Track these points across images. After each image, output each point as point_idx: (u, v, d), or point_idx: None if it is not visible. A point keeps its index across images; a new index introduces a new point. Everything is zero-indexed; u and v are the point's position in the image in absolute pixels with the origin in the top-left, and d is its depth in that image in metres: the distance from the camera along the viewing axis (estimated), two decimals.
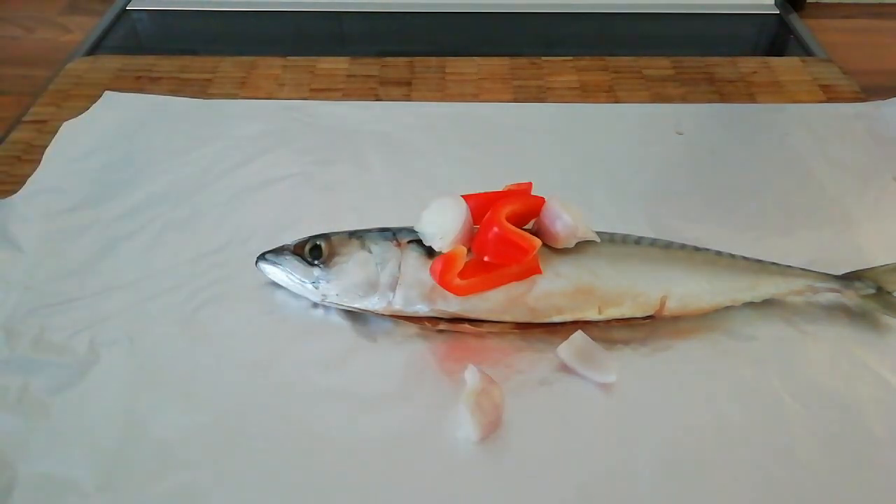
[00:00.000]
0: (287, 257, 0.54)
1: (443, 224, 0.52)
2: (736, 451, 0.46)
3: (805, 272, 0.55)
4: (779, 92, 0.78)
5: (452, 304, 0.52)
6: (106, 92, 0.76)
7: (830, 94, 0.77)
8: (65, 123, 0.72)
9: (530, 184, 0.58)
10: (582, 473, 0.45)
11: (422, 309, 0.52)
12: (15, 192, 0.64)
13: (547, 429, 0.47)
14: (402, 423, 0.47)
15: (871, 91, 0.77)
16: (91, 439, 0.46)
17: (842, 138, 0.71)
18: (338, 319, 0.54)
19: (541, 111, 0.75)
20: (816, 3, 0.97)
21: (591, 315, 0.52)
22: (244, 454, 0.46)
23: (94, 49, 0.88)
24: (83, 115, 0.73)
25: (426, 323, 0.53)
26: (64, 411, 0.48)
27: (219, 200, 0.64)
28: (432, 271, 0.51)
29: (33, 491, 0.44)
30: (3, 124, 0.74)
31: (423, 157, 0.68)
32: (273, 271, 0.55)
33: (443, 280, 0.50)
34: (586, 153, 0.69)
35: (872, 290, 0.54)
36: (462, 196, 0.54)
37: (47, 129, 0.71)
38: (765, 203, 0.64)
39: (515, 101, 0.77)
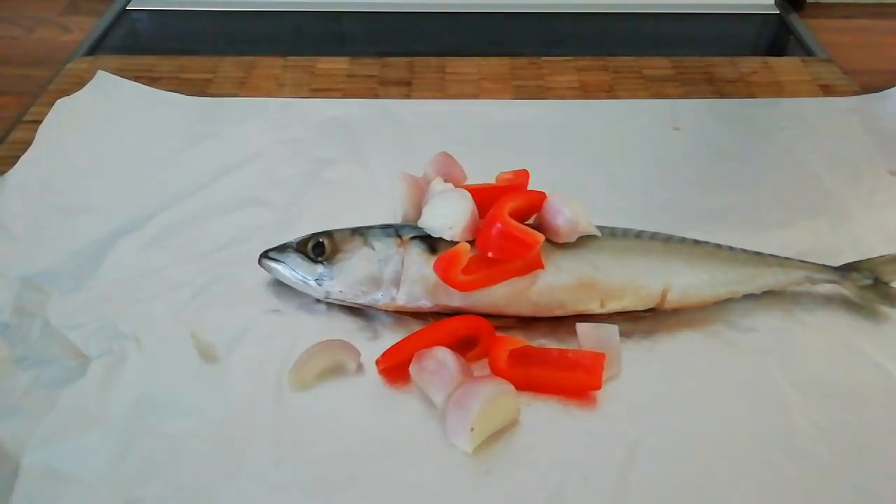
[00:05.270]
0: (290, 255, 0.54)
1: (451, 215, 0.53)
2: (738, 441, 0.46)
3: (803, 264, 0.55)
4: (779, 92, 0.78)
5: (455, 299, 0.52)
6: (99, 71, 0.76)
7: (830, 94, 0.77)
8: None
9: (526, 172, 0.58)
10: (586, 465, 0.45)
11: (425, 304, 0.52)
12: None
13: (554, 420, 0.47)
14: (406, 416, 0.47)
15: (870, 91, 0.77)
16: (96, 433, 0.46)
17: (837, 132, 0.72)
18: (340, 315, 0.54)
19: (540, 107, 0.75)
20: (816, 3, 0.97)
21: (594, 308, 0.52)
22: (251, 452, 0.45)
23: (94, 49, 0.88)
24: (78, 94, 0.73)
25: (430, 318, 0.53)
26: (69, 406, 0.47)
27: (219, 199, 0.63)
28: (436, 268, 0.51)
29: (36, 483, 0.43)
30: (3, 124, 0.74)
31: (424, 153, 0.68)
32: (276, 269, 0.54)
33: (447, 276, 0.51)
34: (586, 149, 0.70)
35: (870, 281, 0.55)
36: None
37: None
38: (762, 196, 0.65)
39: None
